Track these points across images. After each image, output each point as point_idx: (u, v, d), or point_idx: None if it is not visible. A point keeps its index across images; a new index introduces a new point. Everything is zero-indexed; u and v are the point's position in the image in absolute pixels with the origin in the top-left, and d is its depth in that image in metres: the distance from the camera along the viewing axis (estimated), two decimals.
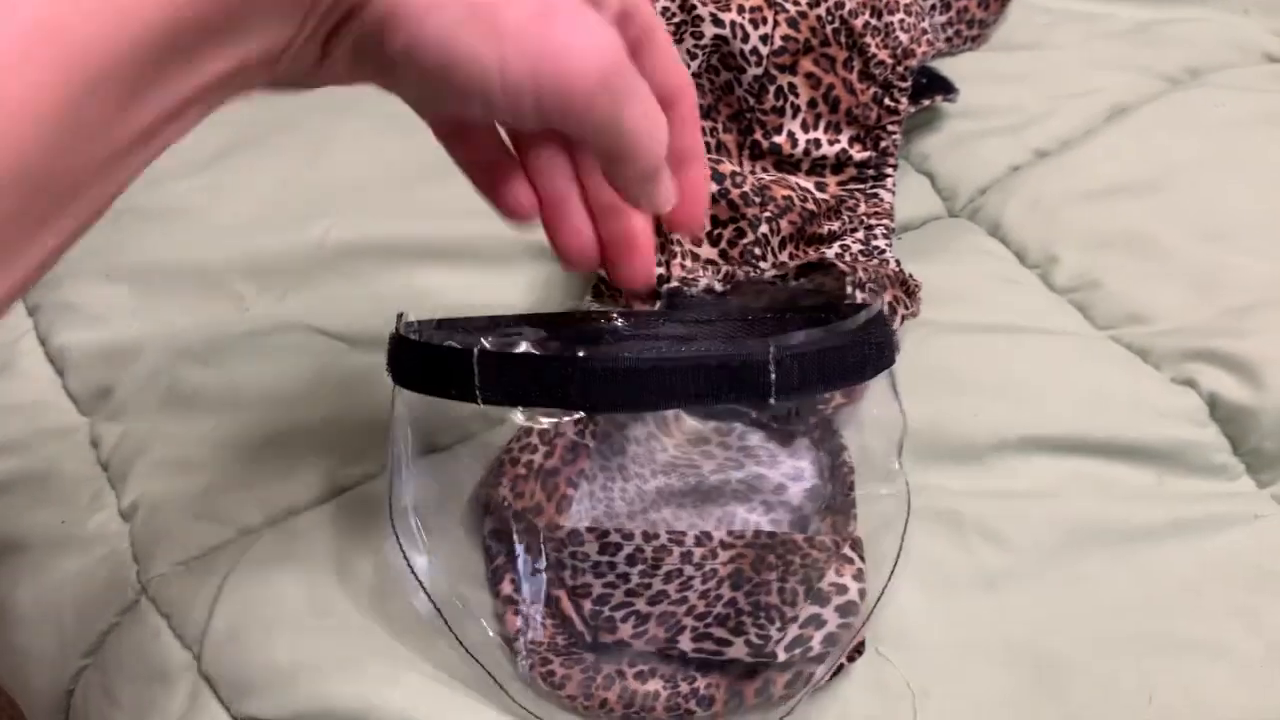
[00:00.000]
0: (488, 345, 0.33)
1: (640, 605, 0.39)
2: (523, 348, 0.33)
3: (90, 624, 0.44)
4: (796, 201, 0.46)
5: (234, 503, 0.44)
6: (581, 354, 0.32)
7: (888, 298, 0.43)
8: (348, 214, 0.52)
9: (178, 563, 0.44)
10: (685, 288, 0.44)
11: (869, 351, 0.35)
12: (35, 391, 0.49)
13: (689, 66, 0.49)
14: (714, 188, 0.45)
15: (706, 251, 0.45)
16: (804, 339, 0.34)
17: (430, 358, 0.34)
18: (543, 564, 0.40)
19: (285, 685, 0.40)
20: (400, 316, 0.37)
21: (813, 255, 0.44)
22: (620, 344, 0.38)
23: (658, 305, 0.43)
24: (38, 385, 0.49)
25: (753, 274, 0.45)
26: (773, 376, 0.33)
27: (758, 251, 0.45)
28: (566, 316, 0.41)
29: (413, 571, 0.38)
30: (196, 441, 0.46)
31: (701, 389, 0.33)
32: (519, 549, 0.40)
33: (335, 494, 0.45)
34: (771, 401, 0.33)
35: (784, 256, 0.46)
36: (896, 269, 0.45)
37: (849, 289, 0.41)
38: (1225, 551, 0.41)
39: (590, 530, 0.39)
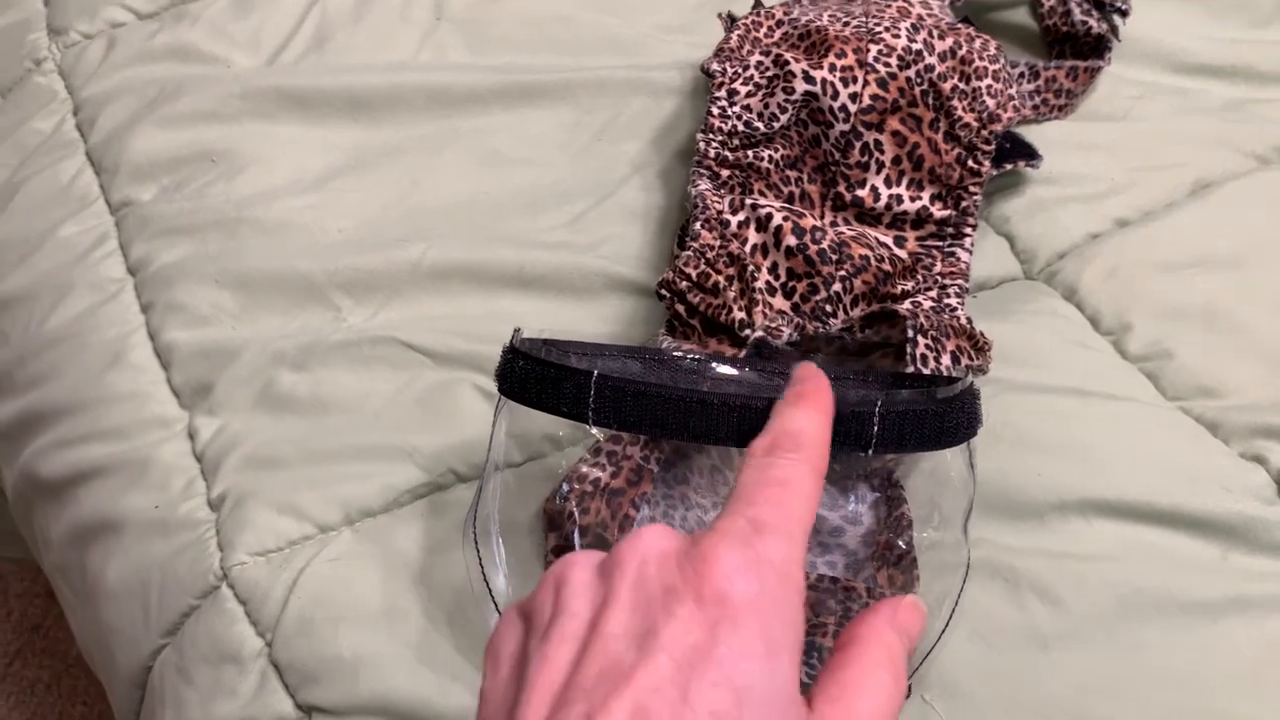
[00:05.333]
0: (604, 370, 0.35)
1: None
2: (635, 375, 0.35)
3: (172, 605, 0.47)
4: (873, 262, 0.47)
5: (315, 501, 0.47)
6: (693, 389, 0.34)
7: (950, 346, 0.44)
8: (444, 238, 0.54)
9: (258, 553, 0.46)
10: (771, 338, 0.45)
11: (961, 419, 0.37)
12: (141, 383, 0.52)
13: (778, 119, 0.51)
14: (792, 242, 0.47)
15: (780, 303, 0.47)
16: (908, 398, 0.35)
17: (547, 375, 0.36)
18: None
19: (347, 678, 0.42)
20: (516, 331, 0.39)
21: (876, 307, 0.45)
22: (717, 383, 0.40)
23: (743, 353, 0.45)
24: (144, 377, 0.52)
25: (822, 329, 0.46)
26: (875, 429, 0.34)
27: (829, 309, 0.46)
28: (660, 353, 0.43)
29: (489, 590, 0.40)
30: (285, 441, 0.49)
31: None
32: None
33: (409, 501, 0.47)
34: (868, 454, 0.35)
35: (855, 313, 0.47)
36: (966, 323, 0.46)
37: (910, 332, 0.42)
38: None
39: None
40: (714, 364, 0.42)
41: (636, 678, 0.26)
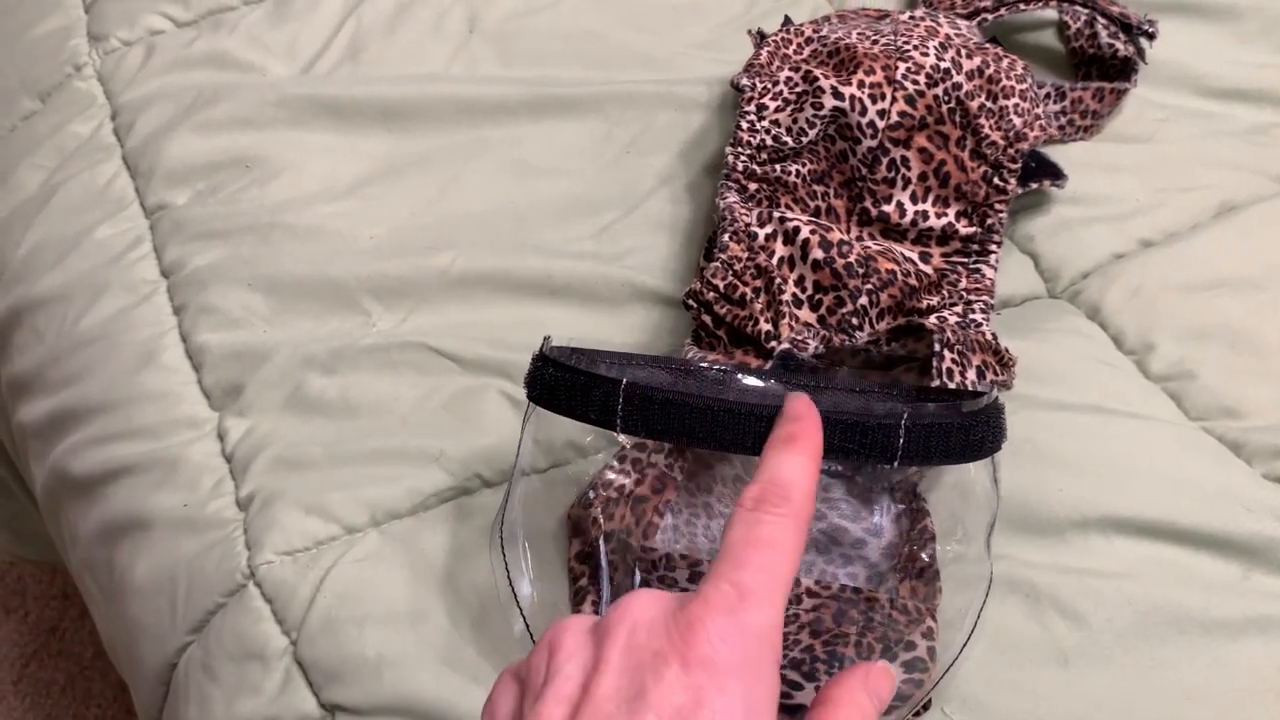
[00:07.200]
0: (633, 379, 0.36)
1: None
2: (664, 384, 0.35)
3: (199, 603, 0.47)
4: (899, 276, 0.48)
5: (342, 502, 0.47)
6: (721, 398, 0.35)
7: (976, 361, 0.44)
8: (472, 246, 0.55)
9: (285, 553, 0.47)
10: (797, 350, 0.45)
11: (986, 434, 0.37)
12: (173, 384, 0.53)
13: (806, 135, 0.51)
14: (820, 255, 0.47)
15: (806, 315, 0.47)
16: (934, 411, 0.36)
17: (576, 383, 0.37)
18: (632, 582, 0.41)
19: (371, 678, 0.43)
20: (546, 339, 0.39)
21: (902, 320, 0.46)
22: (743, 393, 0.40)
23: (769, 364, 0.45)
24: (176, 378, 0.53)
25: (847, 342, 0.46)
26: (901, 442, 0.35)
27: (855, 321, 0.46)
28: (687, 363, 0.44)
29: (514, 594, 0.41)
30: (313, 443, 0.49)
31: (833, 443, 0.35)
32: (605, 568, 0.42)
33: (435, 504, 0.47)
34: (894, 465, 0.35)
35: (881, 327, 0.47)
36: (991, 338, 0.46)
37: (936, 346, 0.42)
38: None
39: (684, 557, 0.41)
40: (740, 375, 0.42)
41: None
